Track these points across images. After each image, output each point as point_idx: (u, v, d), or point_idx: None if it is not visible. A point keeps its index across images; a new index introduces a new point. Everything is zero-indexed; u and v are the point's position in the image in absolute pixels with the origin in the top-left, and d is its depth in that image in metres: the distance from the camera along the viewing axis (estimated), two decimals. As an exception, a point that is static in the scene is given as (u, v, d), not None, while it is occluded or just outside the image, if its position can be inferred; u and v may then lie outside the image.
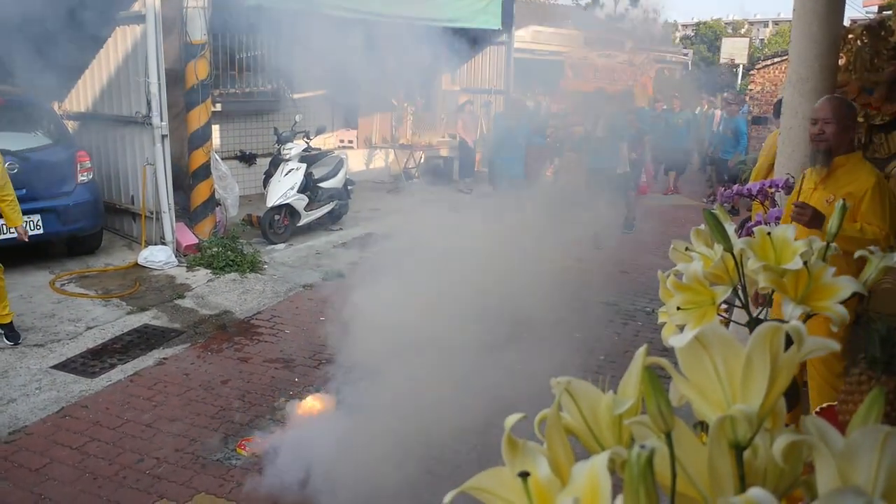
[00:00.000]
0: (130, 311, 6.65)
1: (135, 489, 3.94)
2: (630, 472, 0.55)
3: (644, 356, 0.69)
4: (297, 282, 7.81)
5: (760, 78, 21.66)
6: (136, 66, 8.06)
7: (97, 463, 4.19)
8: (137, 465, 4.19)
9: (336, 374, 4.95)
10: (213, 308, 6.92)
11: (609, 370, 5.54)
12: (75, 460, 4.20)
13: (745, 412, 0.63)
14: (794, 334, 0.69)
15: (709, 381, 0.67)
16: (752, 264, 1.12)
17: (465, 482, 0.64)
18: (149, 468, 4.16)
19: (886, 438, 0.57)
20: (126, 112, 8.37)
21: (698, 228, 1.24)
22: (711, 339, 0.66)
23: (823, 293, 1.12)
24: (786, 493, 0.69)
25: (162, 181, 8.01)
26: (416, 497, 3.77)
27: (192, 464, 4.26)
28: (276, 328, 6.56)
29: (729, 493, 0.63)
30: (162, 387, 5.24)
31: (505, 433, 0.65)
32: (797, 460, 0.67)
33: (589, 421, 0.71)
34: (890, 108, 4.65)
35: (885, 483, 0.57)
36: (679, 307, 1.12)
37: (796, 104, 3.85)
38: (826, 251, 1.24)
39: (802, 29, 3.78)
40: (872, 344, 1.57)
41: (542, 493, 0.61)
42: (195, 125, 8.41)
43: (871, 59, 4.84)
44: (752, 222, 3.91)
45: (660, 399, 0.63)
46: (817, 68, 3.76)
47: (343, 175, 10.12)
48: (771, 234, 1.14)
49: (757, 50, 35.28)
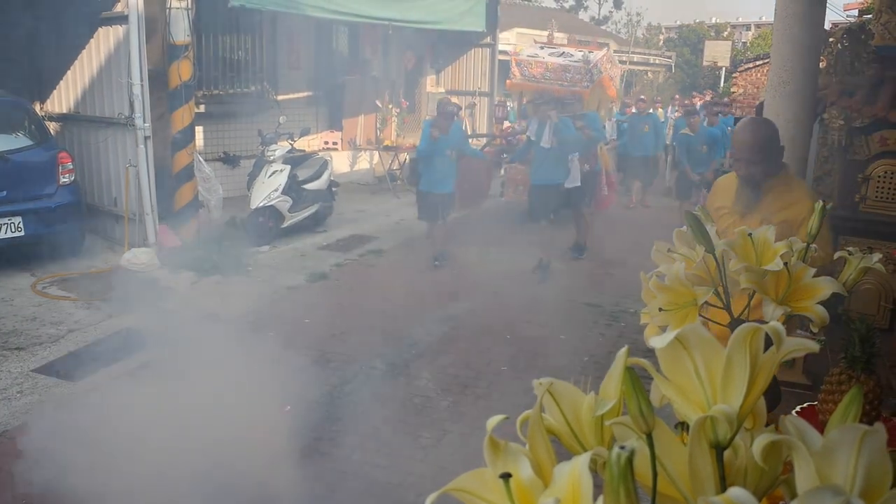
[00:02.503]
0: (113, 314, 6.60)
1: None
2: (610, 472, 0.55)
3: (625, 357, 0.69)
4: (281, 284, 7.78)
5: (743, 81, 21.87)
6: (119, 67, 8.01)
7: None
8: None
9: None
10: (196, 311, 6.88)
11: (593, 370, 5.56)
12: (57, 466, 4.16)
13: (725, 412, 0.64)
14: (773, 335, 0.70)
15: (689, 381, 0.67)
16: (734, 265, 1.13)
17: (448, 483, 0.64)
18: (130, 477, 4.12)
19: (864, 437, 0.57)
20: (109, 113, 8.31)
21: (680, 230, 1.25)
22: (692, 339, 0.67)
23: (804, 294, 1.13)
24: (766, 492, 0.70)
25: (145, 183, 7.96)
26: None
27: (178, 470, 4.23)
28: (260, 331, 6.53)
29: (710, 492, 0.63)
30: (145, 390, 5.20)
31: (487, 434, 0.65)
32: (777, 460, 0.67)
33: (571, 422, 0.71)
34: (870, 111, 4.70)
35: (862, 481, 0.57)
36: (661, 308, 1.12)
37: (778, 107, 3.88)
38: (806, 253, 1.25)
39: (784, 32, 3.81)
40: (852, 343, 1.59)
41: (524, 494, 0.62)
42: (178, 126, 8.37)
43: (852, 62, 4.89)
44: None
45: (641, 400, 0.63)
46: (799, 71, 3.79)
47: (327, 177, 10.10)
48: (752, 236, 1.15)
49: (739, 53, 35.52)
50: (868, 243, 4.75)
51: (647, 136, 13.22)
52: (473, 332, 6.46)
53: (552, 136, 8.39)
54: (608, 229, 10.38)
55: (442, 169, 8.59)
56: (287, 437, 4.73)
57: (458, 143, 8.77)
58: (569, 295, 7.87)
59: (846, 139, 4.84)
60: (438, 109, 8.66)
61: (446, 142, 8.47)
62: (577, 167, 8.92)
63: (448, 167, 8.67)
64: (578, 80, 11.06)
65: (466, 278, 8.35)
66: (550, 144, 8.43)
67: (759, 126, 3.21)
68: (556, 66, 11.27)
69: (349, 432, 4.81)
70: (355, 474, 4.35)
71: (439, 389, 5.54)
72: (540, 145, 8.53)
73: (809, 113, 3.94)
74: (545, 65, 11.34)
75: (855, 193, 4.87)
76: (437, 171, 8.59)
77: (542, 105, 8.70)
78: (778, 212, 3.07)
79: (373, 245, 9.42)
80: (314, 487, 4.19)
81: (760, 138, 3.11)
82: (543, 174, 8.67)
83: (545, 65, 11.34)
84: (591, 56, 11.32)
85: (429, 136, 8.35)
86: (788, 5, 3.78)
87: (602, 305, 7.58)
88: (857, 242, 4.71)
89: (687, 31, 41.89)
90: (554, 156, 8.55)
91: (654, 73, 32.72)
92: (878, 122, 4.73)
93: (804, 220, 3.01)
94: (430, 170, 8.69)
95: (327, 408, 5.14)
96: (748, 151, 3.10)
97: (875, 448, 0.57)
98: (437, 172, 8.60)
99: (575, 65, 11.19)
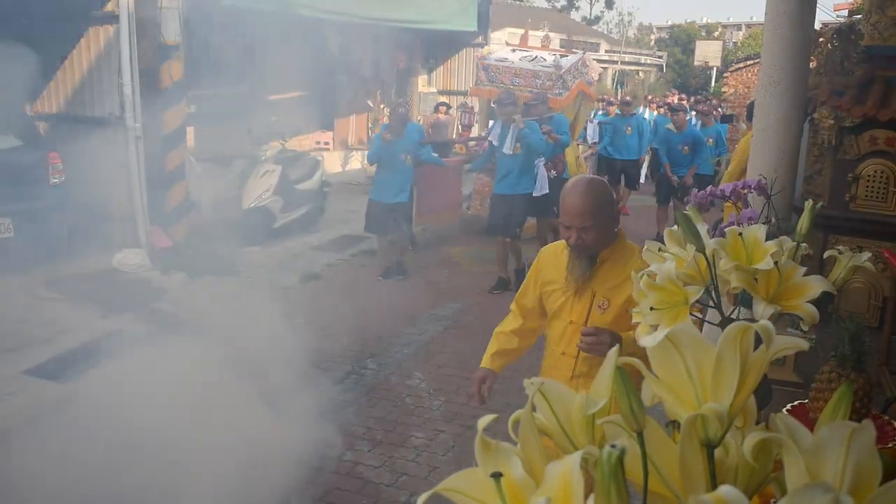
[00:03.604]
0: (104, 315, 6.57)
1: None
2: (601, 471, 0.55)
3: (616, 356, 0.69)
4: (274, 284, 7.76)
5: (734, 80, 21.94)
6: (110, 67, 7.98)
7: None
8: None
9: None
10: (188, 312, 6.86)
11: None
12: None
13: (715, 410, 0.64)
14: (763, 333, 0.70)
15: (680, 380, 0.67)
16: (724, 264, 1.13)
17: (439, 483, 0.64)
18: (123, 476, 4.11)
19: (852, 434, 0.58)
20: (100, 113, 8.27)
21: (671, 229, 1.25)
22: (682, 338, 0.67)
23: (794, 293, 1.14)
24: (757, 490, 0.70)
25: (136, 183, 7.93)
26: None
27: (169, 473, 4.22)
28: (251, 332, 6.52)
29: (701, 491, 0.63)
30: (136, 390, 5.18)
31: (478, 434, 0.65)
32: (767, 458, 0.67)
33: (562, 421, 0.72)
34: (860, 111, 4.72)
35: (851, 478, 0.57)
36: (652, 307, 1.12)
37: (768, 106, 3.89)
38: (796, 251, 1.26)
39: (774, 32, 3.83)
40: (842, 342, 1.59)
41: (515, 494, 0.62)
42: (170, 126, 8.34)
43: (842, 62, 4.91)
44: (725, 223, 3.95)
45: (632, 398, 0.64)
46: (789, 71, 3.80)
47: (319, 177, 10.08)
48: (742, 235, 1.16)
49: (730, 53, 35.66)
50: (858, 242, 4.78)
51: (631, 139, 12.58)
52: (466, 331, 6.46)
53: (515, 142, 7.72)
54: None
55: (396, 176, 7.99)
56: (277, 439, 4.73)
57: (413, 147, 8.11)
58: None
59: (836, 138, 4.87)
60: (391, 112, 8.09)
61: (400, 145, 7.87)
62: (543, 174, 8.35)
63: (402, 174, 8.06)
64: (549, 87, 10.20)
65: (460, 278, 8.36)
66: (514, 151, 7.74)
67: (590, 187, 2.72)
68: (526, 72, 10.56)
69: (341, 432, 4.81)
70: (348, 474, 4.35)
71: (432, 389, 5.55)
72: (502, 151, 7.86)
73: (800, 112, 3.95)
74: (514, 70, 10.64)
75: (845, 192, 4.90)
76: (390, 178, 8.00)
77: (509, 106, 7.90)
78: (617, 287, 2.69)
79: (365, 245, 9.41)
80: (306, 488, 4.18)
81: (592, 200, 2.65)
82: (508, 183, 7.91)
83: (514, 70, 10.64)
84: (563, 61, 10.59)
85: (380, 139, 7.87)
86: (778, 5, 3.79)
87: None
88: (846, 241, 4.75)
89: (678, 30, 42.01)
90: (520, 163, 7.83)
91: (645, 73, 32.80)
92: (868, 121, 4.75)
93: None
94: (382, 177, 8.10)
95: (319, 408, 5.13)
96: (579, 217, 2.63)
97: (864, 445, 0.58)
98: (389, 180, 8.01)
99: (546, 70, 10.43)
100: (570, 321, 2.80)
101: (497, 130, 8.05)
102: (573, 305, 2.80)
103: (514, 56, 10.91)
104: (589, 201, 2.64)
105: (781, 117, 3.84)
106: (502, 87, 10.09)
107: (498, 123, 8.13)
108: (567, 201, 2.69)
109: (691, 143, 10.65)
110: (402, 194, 8.09)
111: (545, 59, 10.69)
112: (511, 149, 7.72)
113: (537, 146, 7.75)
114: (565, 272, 2.79)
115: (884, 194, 4.84)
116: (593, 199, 2.65)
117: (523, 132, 7.60)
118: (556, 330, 2.89)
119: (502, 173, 7.95)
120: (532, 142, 7.65)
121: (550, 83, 10.22)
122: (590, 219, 2.63)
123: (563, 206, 2.69)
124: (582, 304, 2.77)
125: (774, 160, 3.85)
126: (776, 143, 3.84)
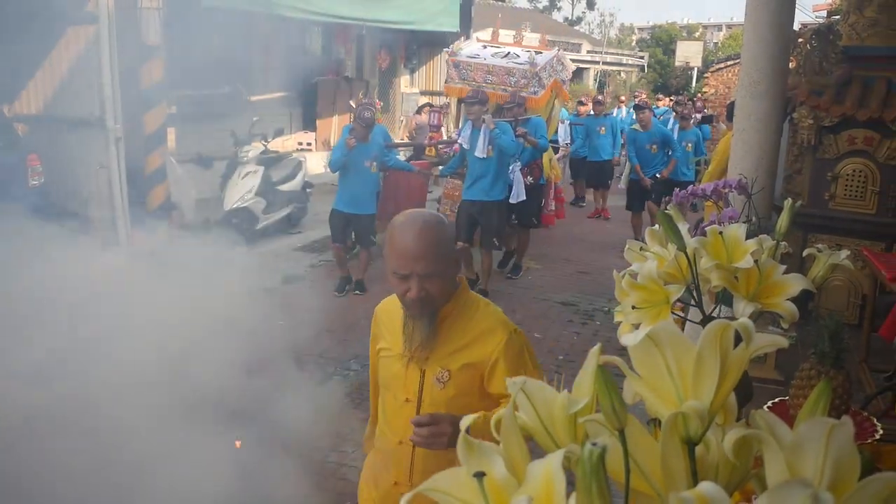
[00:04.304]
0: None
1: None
2: (583, 469, 0.55)
3: (597, 355, 0.69)
4: (256, 286, 7.73)
5: (714, 81, 22.09)
6: (90, 68, 7.91)
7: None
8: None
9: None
10: (167, 314, 6.81)
11: (569, 369, 5.60)
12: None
13: (696, 408, 0.64)
14: (742, 331, 0.71)
15: (661, 378, 0.68)
16: (705, 263, 1.14)
17: (423, 483, 0.64)
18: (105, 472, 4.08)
19: (831, 431, 0.58)
20: (79, 114, 8.20)
21: (652, 229, 1.26)
22: (663, 337, 0.67)
23: (774, 291, 1.15)
24: (738, 486, 0.70)
25: (116, 185, 7.88)
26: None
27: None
28: (233, 333, 6.49)
29: (682, 487, 0.64)
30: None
31: (461, 434, 0.65)
32: (748, 454, 0.68)
33: (545, 420, 0.72)
34: (838, 110, 4.77)
35: (830, 475, 0.58)
36: (634, 306, 1.13)
37: (749, 106, 3.92)
38: (776, 250, 1.27)
39: (754, 33, 3.86)
40: (822, 339, 1.61)
41: (497, 493, 0.62)
42: (150, 127, 8.29)
43: (820, 62, 4.96)
44: (706, 222, 3.97)
45: (613, 397, 0.64)
46: (769, 71, 3.83)
47: (301, 178, 10.04)
48: (723, 234, 1.16)
49: (711, 53, 35.91)
50: (837, 240, 4.83)
51: (605, 139, 12.24)
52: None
53: (487, 144, 7.19)
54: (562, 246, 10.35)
55: (360, 185, 7.42)
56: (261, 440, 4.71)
57: (378, 153, 7.56)
58: (543, 294, 7.90)
59: (815, 138, 4.91)
60: (355, 114, 7.41)
61: (365, 151, 7.31)
62: (520, 180, 7.94)
63: (367, 183, 7.53)
64: (524, 85, 9.51)
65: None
66: (486, 154, 7.23)
67: (427, 224, 2.05)
68: (500, 69, 9.76)
69: (325, 434, 4.80)
70: (332, 475, 4.34)
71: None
72: (474, 155, 7.33)
73: (780, 112, 3.98)
74: (487, 67, 9.84)
75: (824, 191, 4.95)
76: (354, 186, 7.40)
77: (476, 105, 7.37)
78: (458, 352, 2.12)
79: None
80: (291, 490, 4.17)
81: (435, 240, 2.02)
82: (480, 189, 7.38)
83: (487, 67, 9.84)
84: (539, 58, 9.86)
85: (343, 145, 7.23)
86: (758, 6, 3.82)
87: (577, 304, 7.63)
88: (826, 240, 4.79)
89: (659, 31, 42.24)
90: (493, 168, 7.32)
91: (627, 74, 32.96)
92: (847, 121, 4.80)
93: (497, 364, 2.09)
94: (346, 185, 7.47)
95: (303, 410, 5.12)
96: (420, 261, 1.99)
97: (843, 441, 0.58)
98: (354, 189, 7.40)
99: (520, 67, 9.66)
100: (405, 399, 2.17)
101: (467, 132, 7.57)
102: (406, 377, 2.17)
103: (485, 52, 10.25)
104: (430, 241, 2.00)
105: (761, 117, 3.87)
106: (475, 85, 9.49)
107: (468, 124, 7.64)
108: (402, 242, 2.01)
109: (659, 142, 10.15)
110: (367, 205, 7.56)
111: (518, 56, 10.03)
112: (483, 151, 7.24)
113: (509, 148, 7.25)
114: (399, 334, 2.16)
115: (862, 193, 4.89)
116: (435, 239, 2.01)
117: (494, 133, 7.14)
118: (390, 408, 2.24)
119: (472, 178, 7.45)
120: (503, 144, 7.16)
121: (525, 81, 9.54)
122: (433, 263, 2.00)
123: (395, 250, 2.01)
124: (416, 377, 2.15)
125: (755, 159, 3.88)
126: (756, 143, 3.88)
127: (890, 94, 4.76)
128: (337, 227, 7.52)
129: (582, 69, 28.40)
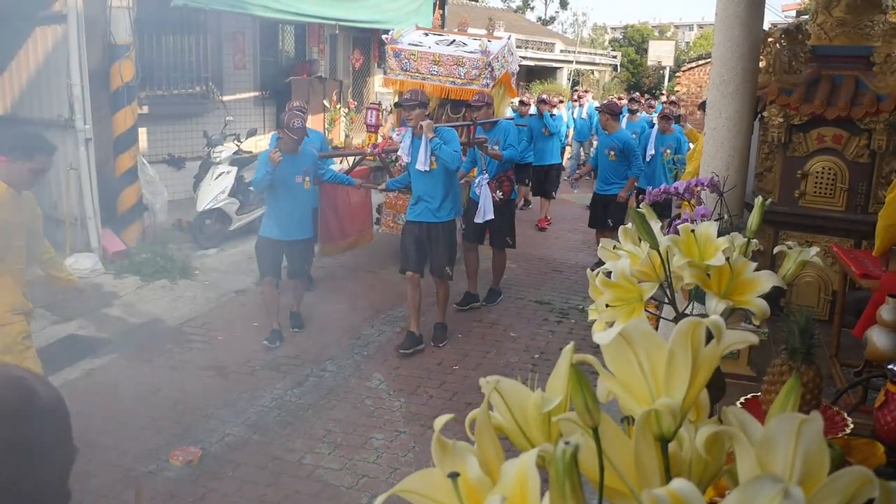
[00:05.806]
0: (56, 321, 6.43)
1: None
2: (555, 467, 0.55)
3: (571, 353, 0.70)
4: (230, 287, 7.68)
5: (686, 80, 22.30)
6: (58, 68, 7.80)
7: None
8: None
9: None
10: (142, 316, 6.75)
11: (544, 368, 5.62)
12: None
13: (668, 405, 0.65)
14: (713, 329, 0.71)
15: (634, 376, 0.68)
16: (678, 261, 1.15)
17: (397, 485, 0.64)
18: (78, 482, 4.03)
19: (801, 426, 0.59)
20: (48, 115, 8.08)
21: (626, 227, 1.27)
22: (635, 335, 0.68)
23: (745, 288, 1.16)
24: (710, 482, 0.71)
25: (86, 186, 7.77)
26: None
27: (124, 477, 4.15)
28: (208, 335, 6.44)
29: (655, 484, 0.64)
30: (90, 398, 5.08)
31: (435, 434, 0.65)
32: (720, 451, 0.68)
33: (518, 419, 0.72)
34: (808, 109, 4.83)
35: (801, 469, 0.58)
36: (608, 304, 1.14)
37: (719, 105, 3.95)
38: (748, 247, 1.28)
39: (725, 33, 3.89)
40: (792, 335, 1.63)
41: (472, 493, 0.62)
42: (121, 128, 8.19)
43: (790, 61, 5.01)
44: (679, 220, 4.00)
45: (586, 395, 0.64)
46: (739, 70, 3.87)
47: (276, 178, 9.94)
48: (695, 232, 1.17)
49: (683, 53, 36.20)
50: (807, 237, 4.88)
51: (550, 142, 11.29)
52: (424, 332, 6.43)
53: (430, 155, 5.97)
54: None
55: (292, 205, 6.14)
56: (234, 443, 4.68)
57: (311, 166, 6.27)
58: (518, 293, 7.93)
59: (785, 136, 4.96)
60: (283, 122, 6.11)
61: (295, 165, 6.06)
62: (488, 195, 6.95)
63: (300, 203, 6.22)
64: (475, 77, 8.30)
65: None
66: (429, 167, 6.00)
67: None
68: (447, 59, 8.44)
69: (300, 436, 4.78)
70: (308, 478, 4.31)
71: (392, 390, 5.53)
72: (415, 168, 6.08)
73: (750, 111, 4.02)
74: (432, 57, 8.51)
75: (794, 189, 5.00)
76: (284, 208, 6.12)
77: (416, 109, 6.05)
78: None
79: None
80: (266, 492, 4.14)
81: None
82: (425, 208, 6.17)
83: (432, 57, 8.51)
84: (491, 46, 8.66)
85: (267, 162, 5.90)
86: (728, 6, 3.86)
87: (552, 303, 7.66)
88: (797, 237, 4.85)
89: (631, 31, 42.51)
90: (441, 183, 6.11)
91: (600, 73, 33.11)
92: (816, 119, 4.85)
93: None
94: (275, 207, 6.18)
95: (278, 412, 5.09)
96: None
97: (812, 436, 0.59)
98: (285, 210, 6.12)
99: (471, 56, 8.39)
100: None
101: (406, 142, 6.25)
102: None
103: (428, 40, 9.03)
104: None
105: (732, 115, 3.90)
106: (419, 77, 8.46)
107: (408, 132, 6.33)
108: None
109: (619, 150, 8.45)
110: (302, 229, 6.30)
111: (466, 44, 8.85)
112: (425, 164, 5.99)
113: (450, 161, 5.95)
114: None
115: (831, 190, 4.95)
116: None
117: (433, 143, 5.91)
118: None
119: (416, 196, 6.23)
120: (443, 155, 5.91)
121: (477, 72, 8.33)
122: None
123: None
124: None
125: (726, 158, 3.91)
126: (728, 142, 3.91)
127: (858, 93, 4.83)
128: (266, 257, 6.26)
129: (555, 68, 28.48)
